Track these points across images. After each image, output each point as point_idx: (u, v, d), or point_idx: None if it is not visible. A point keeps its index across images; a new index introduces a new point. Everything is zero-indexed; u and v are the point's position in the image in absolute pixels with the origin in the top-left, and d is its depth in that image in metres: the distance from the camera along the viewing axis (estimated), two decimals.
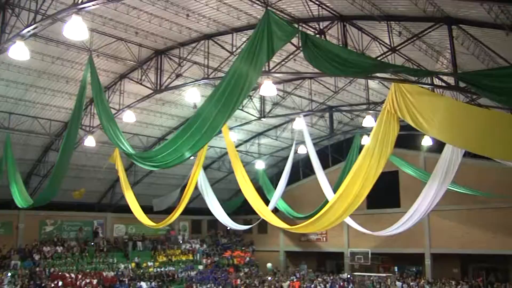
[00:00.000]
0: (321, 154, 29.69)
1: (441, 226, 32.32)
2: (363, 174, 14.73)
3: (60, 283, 28.44)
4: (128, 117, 24.65)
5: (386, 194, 33.40)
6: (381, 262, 35.84)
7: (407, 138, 28.61)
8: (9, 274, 28.01)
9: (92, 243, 35.12)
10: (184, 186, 25.05)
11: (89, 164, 31.18)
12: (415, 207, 21.54)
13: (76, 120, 17.87)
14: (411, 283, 30.42)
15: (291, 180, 32.33)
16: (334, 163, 37.36)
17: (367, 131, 27.81)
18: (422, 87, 14.82)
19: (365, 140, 27.65)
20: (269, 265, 40.16)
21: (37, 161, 29.79)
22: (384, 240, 33.42)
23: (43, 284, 27.90)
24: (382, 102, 19.03)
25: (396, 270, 35.57)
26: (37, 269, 29.63)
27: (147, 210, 26.89)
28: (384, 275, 33.39)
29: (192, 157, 18.61)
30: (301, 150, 31.49)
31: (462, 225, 31.53)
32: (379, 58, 15.79)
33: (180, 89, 24.03)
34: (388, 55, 17.02)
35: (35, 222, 33.34)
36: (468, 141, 12.42)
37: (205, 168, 33.46)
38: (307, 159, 29.18)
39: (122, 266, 33.79)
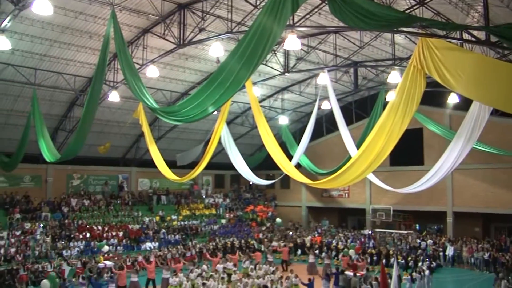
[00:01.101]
0: (345, 110, 29.50)
1: (465, 185, 32.13)
2: (387, 130, 14.52)
3: (88, 235, 29.45)
4: (152, 72, 24.65)
5: (410, 151, 33.22)
6: (403, 219, 35.95)
7: (432, 95, 28.11)
8: (41, 225, 29.11)
9: (118, 200, 35.97)
10: (208, 141, 25.18)
11: (113, 119, 31.58)
12: (438, 165, 21.35)
13: (100, 75, 17.93)
14: (432, 241, 30.54)
15: (314, 135, 32.25)
16: (358, 120, 37.05)
17: (392, 87, 27.42)
18: (450, 42, 14.38)
19: (390, 97, 27.24)
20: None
21: (63, 116, 30.26)
22: (406, 197, 33.45)
23: (72, 235, 28.93)
24: (408, 58, 18.67)
25: (417, 227, 35.74)
26: (66, 221, 30.69)
27: (171, 164, 27.20)
28: (405, 232, 33.54)
29: (215, 112, 18.61)
30: (325, 105, 31.34)
31: (486, 184, 31.28)
32: (406, 12, 15.34)
33: (203, 44, 23.88)
34: (416, 9, 16.56)
35: (62, 176, 34.28)
36: (497, 98, 12.06)
37: (229, 123, 33.55)
38: (330, 115, 29.05)
39: (147, 219, 34.63)
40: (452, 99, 28.70)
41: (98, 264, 24.48)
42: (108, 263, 24.80)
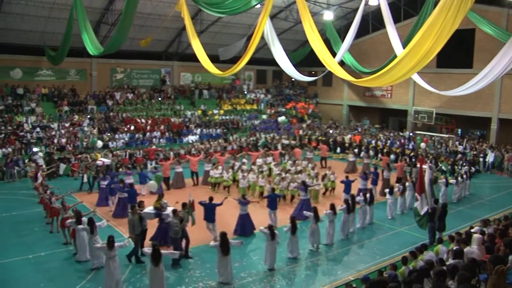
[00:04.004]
0: (393, 7, 28.09)
1: None
2: (436, 29, 13.82)
3: (132, 127, 30.47)
4: None
5: (459, 53, 31.86)
6: (445, 123, 35.44)
7: None
8: (88, 117, 30.26)
9: (161, 93, 36.56)
10: (250, 36, 24.77)
11: (155, 12, 31.16)
12: (488, 68, 20.55)
13: None
14: (470, 146, 30.16)
15: (360, 33, 31.19)
16: (406, 18, 35.35)
17: None
18: None
19: None
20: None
21: (105, 9, 30.11)
22: (450, 100, 32.73)
23: (117, 128, 30.02)
24: None
25: (459, 132, 35.19)
26: (111, 113, 31.72)
27: (213, 59, 27.11)
28: (447, 136, 33.17)
29: (259, 5, 18.13)
30: (372, 1, 29.84)
31: None
32: None
33: None
34: None
35: (106, 70, 35.14)
36: None
37: (272, 17, 32.67)
38: (377, 12, 27.89)
39: (189, 113, 35.39)
40: None
41: (96, 162, 23.79)
42: (106, 160, 24.43)
